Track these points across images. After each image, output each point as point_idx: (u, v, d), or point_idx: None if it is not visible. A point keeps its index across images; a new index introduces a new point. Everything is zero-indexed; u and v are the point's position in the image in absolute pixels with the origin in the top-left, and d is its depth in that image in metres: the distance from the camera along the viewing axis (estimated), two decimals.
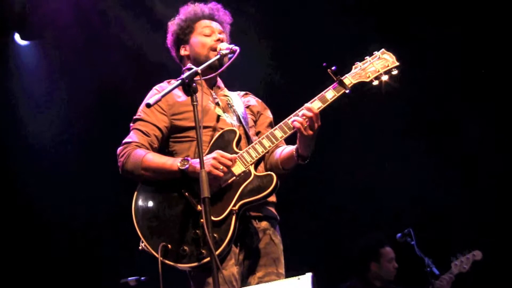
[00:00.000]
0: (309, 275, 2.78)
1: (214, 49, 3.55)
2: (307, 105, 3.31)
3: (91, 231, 6.65)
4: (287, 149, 3.47)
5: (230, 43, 3.55)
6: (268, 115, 3.76)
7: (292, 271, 3.33)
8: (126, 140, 3.45)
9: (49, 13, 6.31)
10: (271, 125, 3.69)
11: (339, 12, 6.44)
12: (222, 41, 3.57)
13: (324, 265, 6.44)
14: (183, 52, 3.68)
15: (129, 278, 5.46)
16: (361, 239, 6.20)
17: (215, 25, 3.66)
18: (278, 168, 3.49)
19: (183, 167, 3.22)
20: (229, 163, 3.22)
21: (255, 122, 3.69)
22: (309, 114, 3.25)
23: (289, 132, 3.37)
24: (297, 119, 3.27)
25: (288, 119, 3.37)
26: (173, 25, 3.72)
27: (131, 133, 3.47)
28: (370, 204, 6.80)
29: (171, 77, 3.60)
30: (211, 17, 3.68)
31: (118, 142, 3.49)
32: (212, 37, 3.60)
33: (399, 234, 5.91)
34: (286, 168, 3.48)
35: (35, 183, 6.66)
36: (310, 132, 3.26)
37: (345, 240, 6.56)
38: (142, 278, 5.46)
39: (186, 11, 3.71)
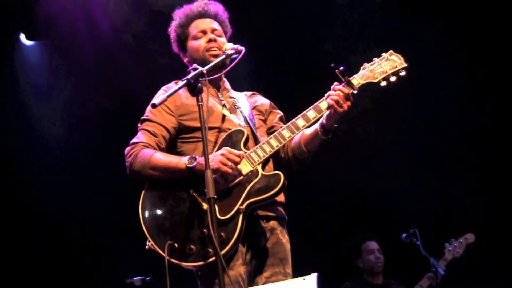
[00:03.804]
0: (314, 275, 2.78)
1: (208, 50, 3.54)
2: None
3: (97, 229, 6.66)
4: (308, 130, 3.47)
5: (235, 43, 3.53)
6: (278, 111, 3.77)
7: (298, 271, 3.35)
8: (133, 140, 3.45)
9: (55, 13, 6.31)
10: (282, 119, 3.72)
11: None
12: (215, 40, 3.55)
13: (330, 265, 6.46)
14: (185, 60, 3.70)
15: (135, 278, 5.46)
16: (344, 242, 6.31)
17: (206, 23, 3.63)
18: (302, 150, 3.50)
19: (190, 165, 3.22)
20: (237, 159, 3.22)
21: (264, 121, 3.69)
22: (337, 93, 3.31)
23: (296, 132, 3.40)
24: (332, 95, 3.31)
25: (296, 119, 3.40)
26: (171, 33, 3.74)
27: (139, 134, 3.48)
28: (376, 204, 6.81)
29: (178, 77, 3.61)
30: (202, 15, 3.66)
31: (124, 142, 3.49)
32: (204, 38, 3.58)
33: (404, 235, 5.92)
34: (310, 149, 3.50)
35: (41, 182, 6.69)
36: (345, 108, 3.30)
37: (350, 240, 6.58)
38: (148, 278, 5.47)
39: (178, 16, 3.71)
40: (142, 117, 3.53)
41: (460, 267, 5.77)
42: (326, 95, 3.37)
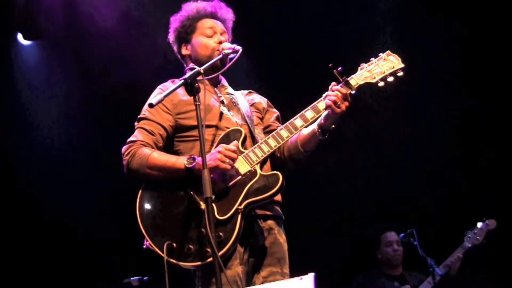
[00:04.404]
0: (311, 275, 2.78)
1: (218, 50, 3.55)
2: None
3: (94, 229, 6.65)
4: (305, 130, 3.48)
5: (232, 42, 3.57)
6: (274, 110, 3.78)
7: (295, 271, 3.35)
8: (131, 139, 3.44)
9: (53, 13, 6.31)
10: (278, 119, 3.73)
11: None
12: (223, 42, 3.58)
13: (327, 265, 6.45)
14: (184, 51, 3.68)
15: (132, 278, 5.44)
16: (365, 231, 6.26)
17: (217, 24, 3.66)
18: (298, 150, 3.51)
19: (189, 165, 3.21)
20: (234, 155, 3.22)
21: (261, 119, 3.70)
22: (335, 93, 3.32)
23: (294, 132, 3.41)
24: (330, 95, 3.32)
25: (294, 119, 3.41)
26: (175, 22, 3.73)
27: (136, 132, 3.47)
28: (375, 203, 6.81)
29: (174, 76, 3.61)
30: (213, 16, 3.68)
31: (124, 142, 3.48)
32: (214, 38, 3.60)
33: (402, 234, 5.90)
34: (307, 149, 3.50)
35: (41, 182, 6.66)
36: (343, 108, 3.32)
37: (347, 240, 6.58)
38: (145, 278, 5.45)
39: (189, 8, 3.71)
40: (139, 116, 3.52)
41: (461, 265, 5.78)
42: (324, 95, 3.38)
